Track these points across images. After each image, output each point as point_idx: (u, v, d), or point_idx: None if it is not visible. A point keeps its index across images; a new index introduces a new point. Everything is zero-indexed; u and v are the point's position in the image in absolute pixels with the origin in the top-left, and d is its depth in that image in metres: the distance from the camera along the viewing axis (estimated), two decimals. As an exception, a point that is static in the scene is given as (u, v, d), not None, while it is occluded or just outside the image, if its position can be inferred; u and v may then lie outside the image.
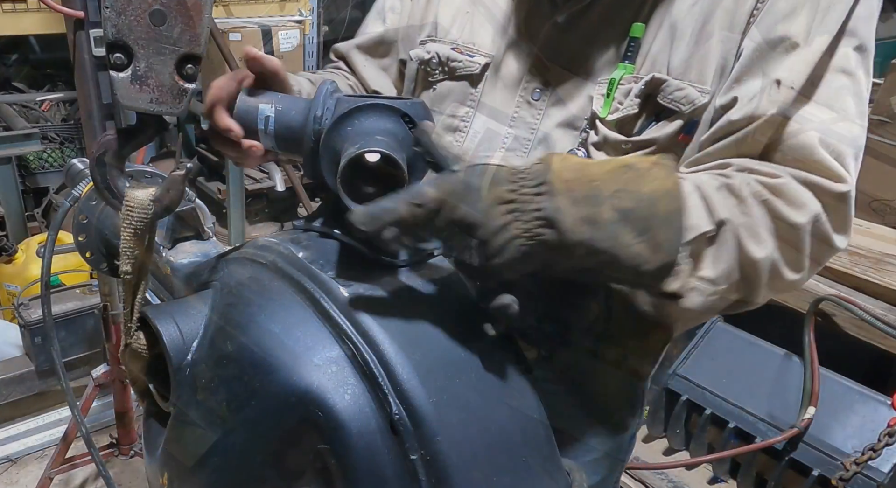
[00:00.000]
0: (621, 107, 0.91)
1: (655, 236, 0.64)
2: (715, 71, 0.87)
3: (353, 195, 0.62)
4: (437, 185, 0.61)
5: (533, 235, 0.62)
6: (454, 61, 1.06)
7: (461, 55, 1.05)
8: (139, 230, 0.70)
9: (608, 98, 0.92)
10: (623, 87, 0.91)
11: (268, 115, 0.73)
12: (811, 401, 2.13)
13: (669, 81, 0.88)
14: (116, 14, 0.60)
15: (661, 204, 0.65)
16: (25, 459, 2.59)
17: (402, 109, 0.68)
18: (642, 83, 0.89)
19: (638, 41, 0.91)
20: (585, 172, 0.64)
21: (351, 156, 0.61)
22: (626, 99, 0.91)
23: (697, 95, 0.87)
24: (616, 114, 0.91)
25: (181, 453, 0.71)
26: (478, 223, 0.61)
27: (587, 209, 0.62)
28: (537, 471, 0.66)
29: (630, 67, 0.91)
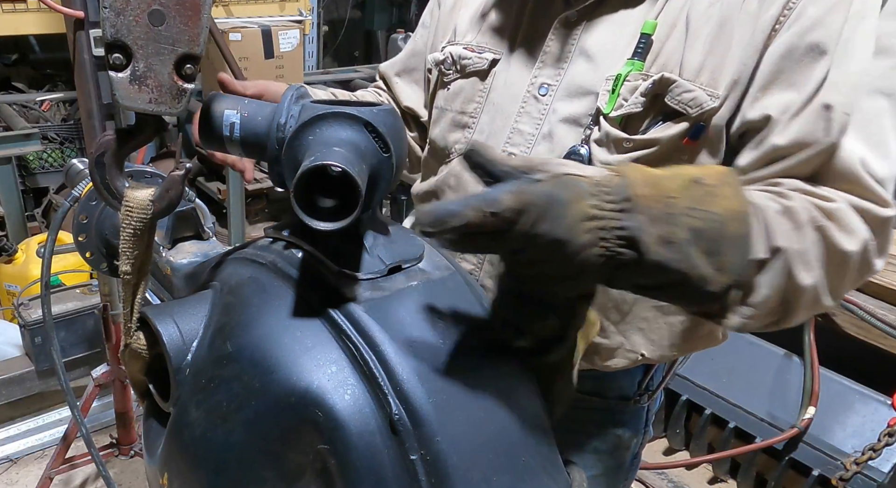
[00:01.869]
0: (626, 103, 0.90)
1: (722, 258, 0.62)
2: (731, 76, 0.85)
3: (310, 207, 0.59)
4: (516, 195, 0.57)
5: (613, 254, 0.59)
6: (465, 59, 1.08)
7: (472, 53, 1.07)
8: (139, 230, 0.70)
9: (613, 94, 0.90)
10: (629, 84, 0.90)
11: (233, 121, 0.71)
12: (811, 401, 2.13)
13: (679, 82, 0.87)
14: (115, 14, 0.60)
15: (731, 226, 0.62)
16: (25, 459, 2.59)
17: (366, 118, 0.66)
18: (650, 82, 0.88)
19: (649, 38, 0.89)
20: (661, 187, 0.62)
21: (305, 169, 0.59)
22: (632, 96, 0.89)
23: (706, 99, 0.85)
24: (620, 110, 0.90)
25: (181, 453, 0.71)
26: (562, 240, 0.57)
27: (665, 228, 0.60)
28: (537, 471, 0.66)
29: (639, 64, 0.90)
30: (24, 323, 2.48)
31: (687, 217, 0.61)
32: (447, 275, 0.72)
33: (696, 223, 0.61)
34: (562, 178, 0.60)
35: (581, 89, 0.96)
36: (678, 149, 0.88)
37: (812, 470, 2.04)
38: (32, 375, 2.55)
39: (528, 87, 1.01)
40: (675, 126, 0.88)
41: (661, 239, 0.60)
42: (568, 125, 0.97)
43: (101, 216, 1.15)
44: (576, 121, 0.96)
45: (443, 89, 1.13)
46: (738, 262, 0.64)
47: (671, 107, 0.87)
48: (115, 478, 2.15)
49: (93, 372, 2.03)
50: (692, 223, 0.61)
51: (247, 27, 3.79)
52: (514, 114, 1.01)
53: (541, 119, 0.99)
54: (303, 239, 0.71)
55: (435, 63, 1.13)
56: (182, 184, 0.71)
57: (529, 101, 1.00)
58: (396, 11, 5.91)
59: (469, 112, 1.08)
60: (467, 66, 1.08)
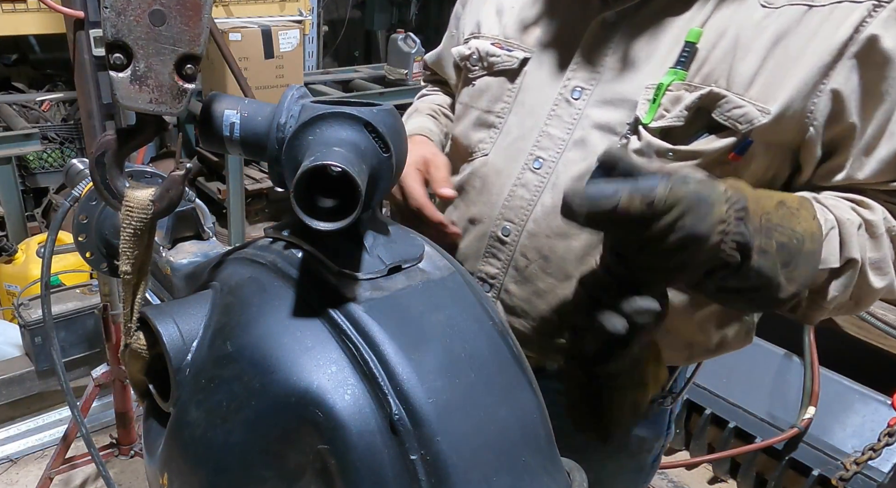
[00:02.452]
0: (667, 114, 0.87)
1: (795, 270, 0.70)
2: (788, 93, 0.82)
3: (310, 207, 0.59)
4: (671, 189, 0.61)
5: (727, 256, 0.66)
6: (493, 56, 1.03)
7: (500, 50, 1.02)
8: (139, 230, 0.70)
9: (653, 104, 0.87)
10: (671, 94, 0.87)
11: (233, 121, 0.71)
12: (811, 401, 2.13)
13: (729, 98, 0.84)
14: (116, 14, 0.60)
15: (807, 243, 0.71)
16: (25, 459, 2.60)
17: (366, 118, 0.66)
18: (697, 95, 0.85)
19: (694, 47, 0.86)
20: (760, 204, 0.69)
21: (304, 169, 0.59)
22: (674, 107, 0.87)
23: (757, 115, 0.83)
24: (660, 121, 0.87)
25: (181, 453, 0.71)
26: (701, 236, 0.63)
27: (763, 239, 0.67)
28: (537, 471, 0.66)
29: (682, 74, 0.86)
30: (24, 323, 2.48)
31: (777, 232, 0.69)
32: (447, 275, 0.72)
33: (783, 238, 0.69)
34: (707, 182, 0.65)
35: (618, 96, 0.92)
36: (721, 163, 0.86)
37: (812, 470, 2.04)
38: (32, 375, 2.55)
39: (560, 90, 0.97)
40: (722, 140, 0.85)
41: (760, 248, 0.67)
42: (602, 132, 0.93)
43: (101, 216, 1.15)
44: (611, 128, 0.92)
45: (468, 86, 1.08)
46: (807, 275, 0.72)
47: (719, 122, 0.85)
48: (115, 478, 2.15)
49: (93, 372, 2.03)
50: (780, 238, 0.69)
51: (247, 27, 3.79)
52: (545, 116, 0.97)
53: (573, 124, 0.95)
54: (303, 239, 0.71)
55: (460, 57, 1.09)
56: (182, 184, 0.71)
57: (561, 104, 0.96)
58: (396, 11, 5.91)
59: (496, 111, 1.03)
60: (495, 64, 1.03)
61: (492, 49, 1.03)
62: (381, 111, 0.68)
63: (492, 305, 0.71)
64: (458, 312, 0.68)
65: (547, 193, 0.96)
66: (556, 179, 0.95)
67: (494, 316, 0.70)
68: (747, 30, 0.84)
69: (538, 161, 0.97)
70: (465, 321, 0.68)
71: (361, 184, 0.58)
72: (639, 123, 0.89)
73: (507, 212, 1.00)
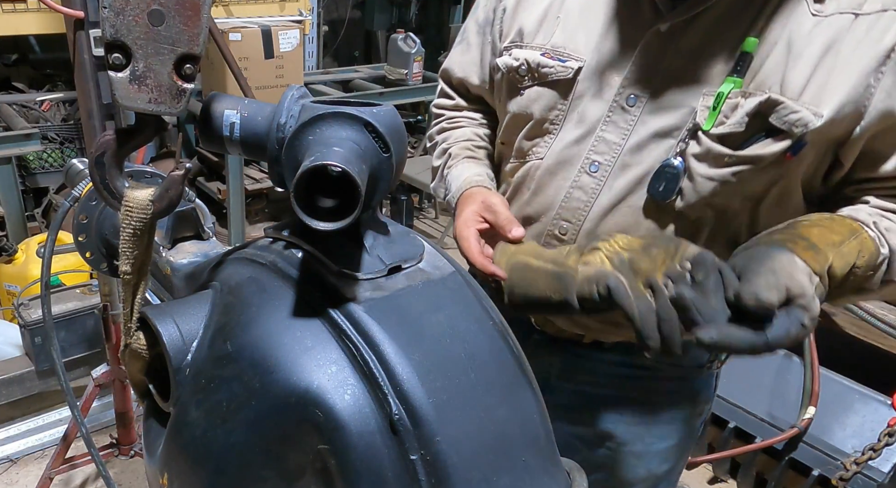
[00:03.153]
0: (727, 121, 0.92)
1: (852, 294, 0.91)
2: (839, 98, 0.88)
3: (310, 207, 0.59)
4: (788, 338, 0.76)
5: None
6: (545, 67, 1.05)
7: (552, 60, 1.05)
8: (139, 230, 0.70)
9: (714, 111, 0.92)
10: (730, 101, 0.91)
11: (233, 121, 0.71)
12: (811, 401, 2.13)
13: (786, 104, 0.89)
14: (115, 14, 0.60)
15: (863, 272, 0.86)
16: (25, 459, 2.60)
17: (366, 118, 0.66)
18: (755, 102, 0.90)
19: (750, 56, 0.91)
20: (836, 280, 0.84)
21: (304, 169, 0.59)
22: (733, 114, 0.91)
23: (812, 118, 0.88)
24: (721, 127, 0.92)
25: (181, 453, 0.71)
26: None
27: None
28: (537, 471, 0.66)
29: (738, 81, 0.91)
30: (24, 323, 2.48)
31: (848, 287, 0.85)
32: (447, 275, 0.72)
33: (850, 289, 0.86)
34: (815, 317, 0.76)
35: (674, 103, 0.96)
36: (777, 163, 0.92)
37: (812, 470, 2.04)
38: (32, 375, 2.55)
39: (615, 98, 1.00)
40: (778, 143, 0.91)
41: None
42: (658, 138, 0.98)
43: (101, 216, 1.15)
44: (667, 133, 0.97)
45: (515, 95, 1.10)
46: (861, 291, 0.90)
47: (776, 126, 0.90)
48: (115, 478, 2.15)
49: (93, 372, 2.03)
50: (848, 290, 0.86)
51: (247, 27, 3.79)
52: (600, 122, 1.01)
53: (628, 129, 1.00)
54: (303, 239, 0.71)
55: (507, 69, 1.10)
56: (182, 184, 0.71)
57: (616, 110, 1.00)
58: (396, 11, 5.91)
59: (550, 119, 1.07)
60: (548, 75, 1.05)
61: (542, 60, 1.05)
62: (381, 111, 0.68)
63: (492, 305, 0.71)
64: (458, 312, 0.68)
65: (604, 195, 1.02)
66: (613, 182, 1.01)
67: (494, 316, 0.70)
68: (799, 38, 0.89)
69: (595, 165, 1.02)
70: (465, 321, 0.68)
71: (361, 184, 0.58)
72: (698, 129, 0.94)
73: (563, 213, 1.05)
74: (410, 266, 0.71)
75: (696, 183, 0.96)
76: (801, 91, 0.89)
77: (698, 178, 0.95)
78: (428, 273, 0.71)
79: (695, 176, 0.95)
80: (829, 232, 0.84)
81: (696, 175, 0.95)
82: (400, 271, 0.70)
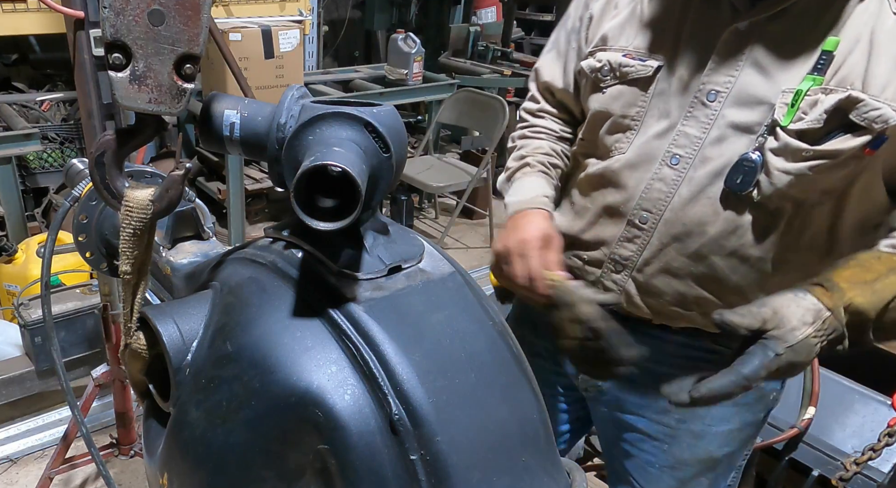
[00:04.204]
0: (805, 117, 0.95)
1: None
2: None
3: (310, 207, 0.60)
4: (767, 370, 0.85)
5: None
6: (626, 67, 1.11)
7: (633, 60, 1.10)
8: (139, 230, 0.70)
9: (792, 108, 0.95)
10: (809, 98, 0.94)
11: (233, 121, 0.71)
12: (811, 401, 2.13)
13: (867, 101, 0.92)
14: (115, 14, 0.60)
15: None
16: (25, 459, 2.59)
17: (366, 118, 0.66)
18: (836, 99, 0.93)
19: (831, 55, 0.94)
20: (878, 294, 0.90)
21: (305, 169, 0.59)
22: (812, 110, 0.94)
23: (893, 115, 0.91)
24: (799, 123, 0.95)
25: (181, 453, 0.71)
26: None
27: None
28: (537, 471, 0.66)
29: (819, 79, 0.94)
30: (24, 323, 2.48)
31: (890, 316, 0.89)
32: (447, 275, 0.72)
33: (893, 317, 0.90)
34: (796, 347, 0.85)
35: (753, 99, 1.00)
36: (856, 158, 0.95)
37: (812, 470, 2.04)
38: (32, 375, 2.55)
39: (696, 93, 1.05)
40: (857, 139, 0.93)
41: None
42: (738, 132, 1.01)
43: (101, 216, 1.15)
44: (747, 128, 1.01)
45: (597, 93, 1.16)
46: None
47: (856, 123, 0.93)
48: (115, 478, 2.15)
49: (93, 372, 2.03)
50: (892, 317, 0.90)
51: (247, 27, 3.79)
52: (681, 118, 1.06)
53: (709, 124, 1.04)
54: (303, 239, 0.71)
55: (591, 70, 1.16)
56: (182, 184, 0.71)
57: (697, 106, 1.05)
58: (396, 11, 5.91)
59: (631, 115, 1.11)
60: (629, 74, 1.11)
61: (624, 60, 1.11)
62: (381, 111, 0.68)
63: (492, 305, 0.71)
64: (458, 312, 0.68)
65: (684, 186, 1.06)
66: (693, 173, 1.05)
67: (494, 316, 0.70)
68: (880, 36, 0.92)
69: (675, 158, 1.07)
70: (465, 321, 0.68)
71: (361, 184, 0.58)
72: (776, 125, 0.97)
73: (644, 203, 1.10)
74: (410, 266, 0.71)
75: (772, 176, 0.99)
76: (883, 87, 0.91)
77: (775, 172, 0.99)
78: (428, 273, 0.71)
79: (771, 170, 0.99)
80: (862, 270, 0.90)
81: (772, 169, 0.99)
82: (400, 271, 0.70)
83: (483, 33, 5.32)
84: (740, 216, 1.04)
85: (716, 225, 1.05)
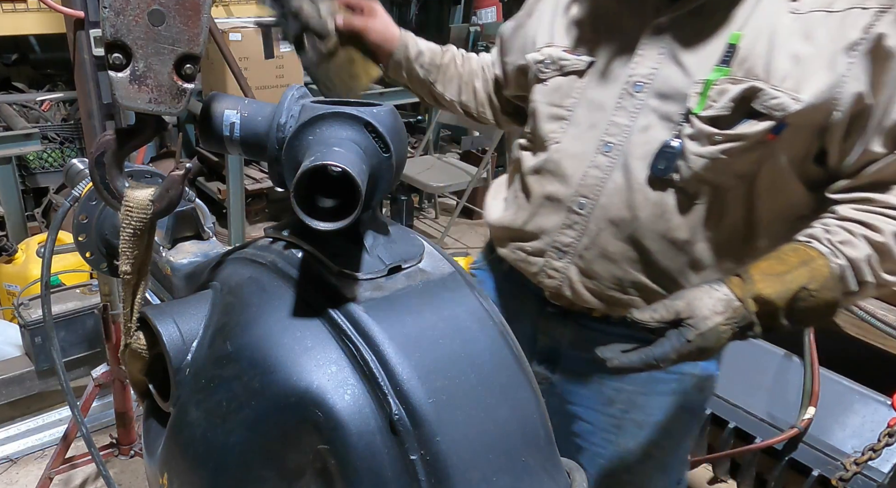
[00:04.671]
0: (715, 104, 1.04)
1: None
2: (816, 85, 0.98)
3: (310, 207, 0.60)
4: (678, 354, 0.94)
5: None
6: (564, 60, 1.21)
7: (571, 55, 1.21)
8: (139, 230, 0.70)
9: (703, 96, 1.05)
10: (717, 88, 1.04)
11: (233, 121, 0.71)
12: (811, 401, 2.13)
13: (767, 90, 1.00)
14: (115, 14, 0.60)
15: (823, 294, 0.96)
16: (25, 459, 2.59)
17: (366, 118, 0.66)
18: (740, 89, 1.02)
19: (736, 48, 1.03)
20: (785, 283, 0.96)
21: (305, 169, 0.59)
22: (720, 98, 1.03)
23: (791, 103, 0.99)
24: (709, 111, 1.04)
25: (181, 453, 0.71)
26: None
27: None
28: (537, 471, 0.66)
29: (726, 70, 1.03)
30: (24, 323, 2.48)
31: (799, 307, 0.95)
32: (447, 275, 0.72)
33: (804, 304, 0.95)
34: (705, 334, 0.93)
35: (672, 89, 1.09)
36: (761, 143, 1.04)
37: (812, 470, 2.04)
38: (32, 375, 2.55)
39: (623, 85, 1.14)
40: (761, 124, 1.02)
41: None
42: (661, 120, 1.10)
43: (101, 216, 1.15)
44: (668, 117, 1.09)
45: (540, 84, 1.25)
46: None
47: (758, 110, 1.01)
48: (115, 478, 2.15)
49: (93, 372, 2.03)
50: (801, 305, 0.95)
51: (247, 27, 3.79)
52: (612, 108, 1.15)
53: (636, 113, 1.12)
54: (303, 239, 0.71)
55: (535, 62, 1.26)
56: (182, 184, 0.71)
57: (625, 97, 1.13)
58: (396, 11, 5.91)
59: (566, 106, 1.21)
60: (566, 66, 1.21)
61: (563, 54, 1.22)
62: (381, 111, 0.68)
63: (492, 305, 0.71)
64: (458, 312, 0.68)
65: (617, 172, 1.14)
66: (625, 160, 1.13)
67: (494, 316, 0.70)
68: (780, 32, 1.01)
69: (608, 145, 1.15)
70: (465, 321, 0.68)
71: (362, 184, 0.58)
72: (690, 113, 1.06)
73: (582, 189, 1.18)
74: (410, 266, 0.71)
75: (689, 160, 1.07)
76: (783, 78, 1.00)
77: (691, 156, 1.07)
78: (428, 273, 0.71)
79: (688, 154, 1.07)
80: (777, 263, 0.98)
81: (689, 153, 1.07)
82: (400, 271, 0.70)
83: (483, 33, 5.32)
84: (666, 200, 1.11)
85: (645, 209, 1.12)
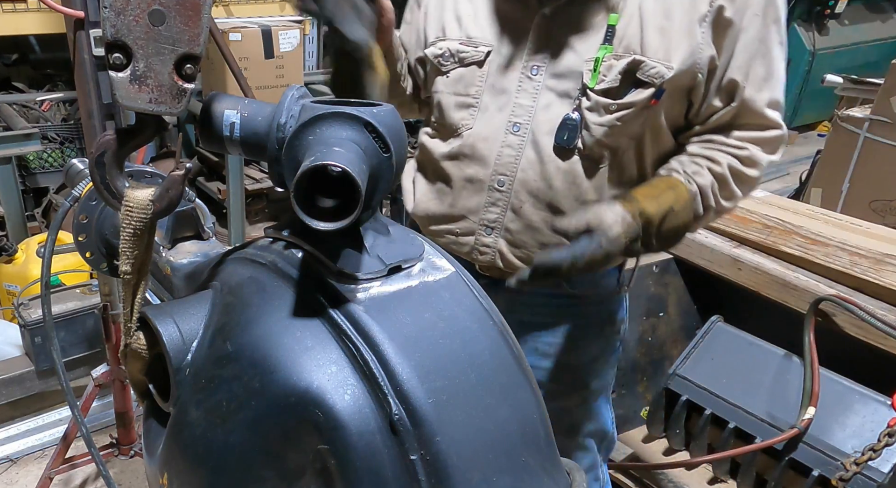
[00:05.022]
0: (605, 78, 1.19)
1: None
2: (681, 53, 1.16)
3: (310, 207, 0.60)
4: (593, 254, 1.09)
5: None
6: (462, 52, 1.31)
7: (468, 47, 1.30)
8: (139, 230, 0.70)
9: (595, 73, 1.20)
10: (605, 64, 1.19)
11: (233, 121, 0.71)
12: (811, 401, 2.12)
13: (646, 62, 1.17)
14: (115, 14, 0.60)
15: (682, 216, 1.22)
16: (25, 459, 2.59)
17: (366, 118, 0.66)
18: (624, 63, 1.18)
19: (614, 28, 1.19)
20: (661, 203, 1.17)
21: (305, 169, 0.59)
22: (609, 73, 1.19)
23: (665, 71, 1.17)
24: (602, 84, 1.20)
25: (181, 453, 0.71)
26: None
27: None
28: (537, 471, 0.66)
29: (609, 48, 1.19)
30: (24, 323, 2.48)
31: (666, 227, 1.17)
32: (447, 274, 0.72)
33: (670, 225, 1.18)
34: (612, 240, 1.09)
35: (566, 70, 1.23)
36: (646, 108, 1.21)
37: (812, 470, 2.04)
38: (32, 375, 2.55)
39: (522, 70, 1.26)
40: (645, 91, 1.19)
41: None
42: (560, 97, 1.24)
43: (101, 216, 1.15)
44: (566, 94, 1.24)
45: (442, 77, 1.34)
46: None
47: (642, 80, 1.18)
48: (115, 478, 2.15)
49: (93, 372, 2.03)
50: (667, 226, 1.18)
51: (247, 27, 3.79)
52: (514, 92, 1.27)
53: (536, 94, 1.25)
54: (303, 239, 0.71)
55: (434, 56, 1.34)
56: (182, 184, 0.71)
57: (525, 80, 1.26)
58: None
59: (471, 94, 1.31)
60: (465, 58, 1.31)
61: (460, 47, 1.31)
62: (381, 111, 0.68)
63: (492, 305, 0.71)
64: (458, 312, 0.68)
65: (528, 148, 1.27)
66: (533, 136, 1.27)
67: (494, 316, 0.70)
68: (647, 10, 1.17)
69: (516, 125, 1.28)
70: (465, 321, 0.68)
71: (362, 184, 0.58)
72: (586, 88, 1.21)
73: (499, 168, 1.30)
74: (410, 266, 0.71)
75: (591, 129, 1.22)
76: (655, 50, 1.16)
77: (592, 125, 1.22)
78: (428, 273, 0.71)
79: (589, 124, 1.22)
80: (651, 189, 1.20)
81: (590, 123, 1.22)
82: (400, 271, 0.70)
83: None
84: (574, 167, 1.26)
85: (558, 178, 1.26)
